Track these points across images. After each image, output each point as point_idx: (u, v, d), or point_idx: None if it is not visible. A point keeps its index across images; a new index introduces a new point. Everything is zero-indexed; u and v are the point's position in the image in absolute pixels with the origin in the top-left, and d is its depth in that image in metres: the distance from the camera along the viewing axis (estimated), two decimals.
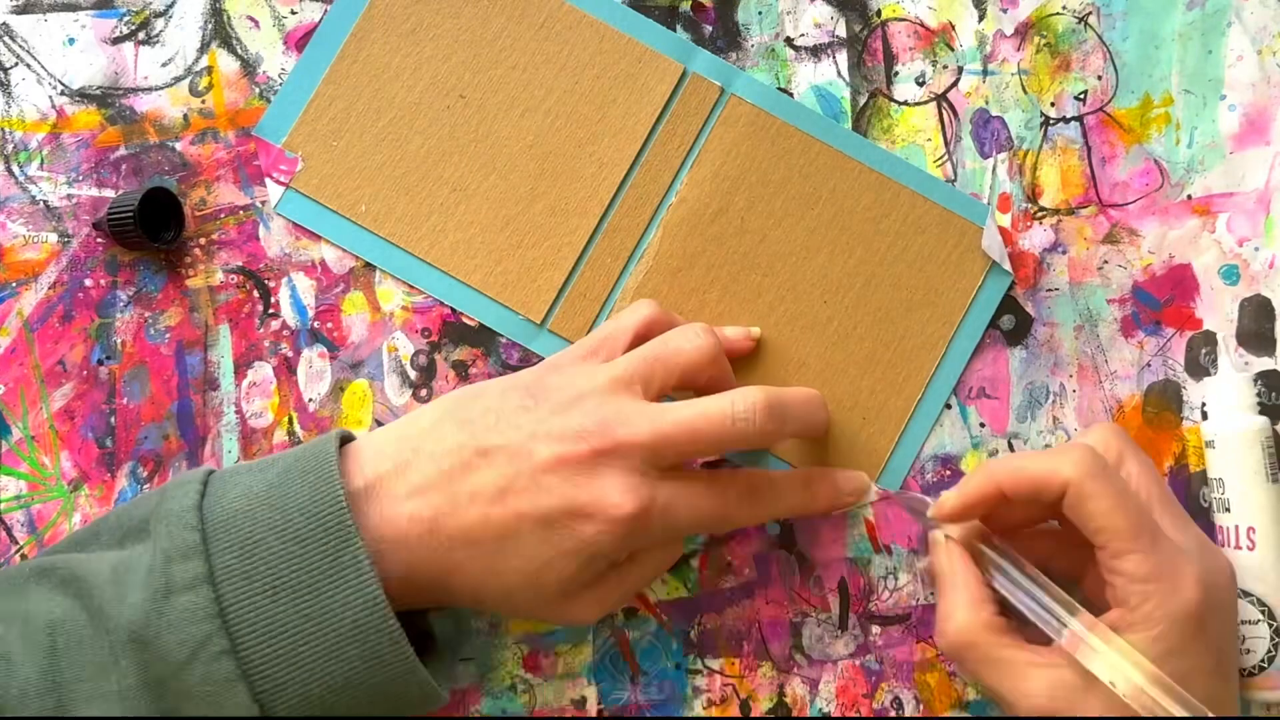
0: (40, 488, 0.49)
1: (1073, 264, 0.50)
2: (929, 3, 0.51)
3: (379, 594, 0.38)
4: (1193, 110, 0.51)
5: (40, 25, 0.50)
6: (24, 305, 0.49)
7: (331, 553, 0.38)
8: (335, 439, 0.42)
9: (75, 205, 0.50)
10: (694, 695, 0.49)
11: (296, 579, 0.38)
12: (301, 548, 0.38)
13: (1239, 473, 0.47)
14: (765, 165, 0.50)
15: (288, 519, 0.39)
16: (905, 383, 0.49)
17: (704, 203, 0.50)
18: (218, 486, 0.40)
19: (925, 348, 0.49)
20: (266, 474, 0.40)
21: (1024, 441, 0.50)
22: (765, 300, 0.50)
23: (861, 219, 0.50)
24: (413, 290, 0.50)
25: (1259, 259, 0.50)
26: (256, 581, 0.38)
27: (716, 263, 0.50)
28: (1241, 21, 0.51)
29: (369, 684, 0.39)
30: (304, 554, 0.38)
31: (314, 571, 0.38)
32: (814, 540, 0.49)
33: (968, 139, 0.51)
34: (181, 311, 0.50)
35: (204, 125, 0.50)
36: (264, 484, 0.40)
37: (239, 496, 0.40)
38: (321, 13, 0.51)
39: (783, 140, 0.50)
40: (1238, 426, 0.47)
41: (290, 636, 0.38)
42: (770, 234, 0.50)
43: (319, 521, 0.39)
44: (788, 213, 0.50)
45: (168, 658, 0.37)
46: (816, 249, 0.50)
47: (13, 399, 0.49)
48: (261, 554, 0.38)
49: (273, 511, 0.39)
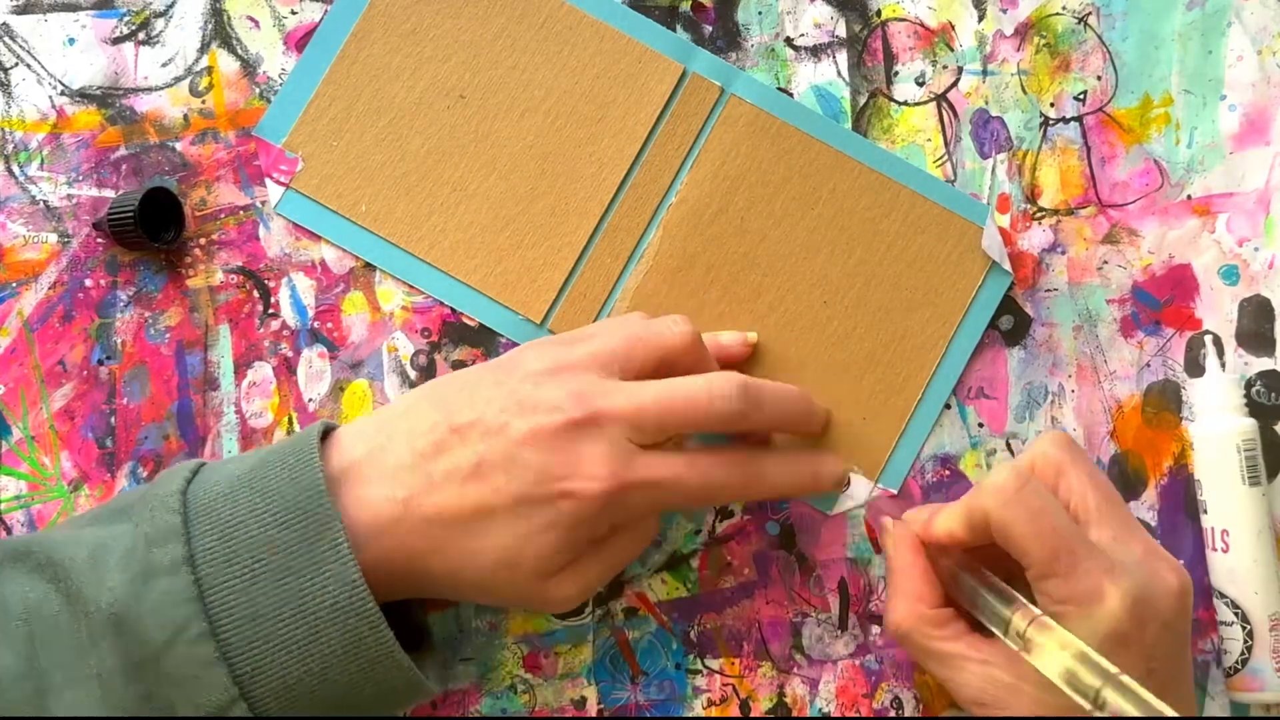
0: (40, 488, 0.49)
1: (1072, 264, 0.50)
2: (929, 3, 0.51)
3: (357, 576, 0.38)
4: (1193, 110, 0.51)
5: (40, 25, 0.50)
6: (24, 305, 0.49)
7: (310, 536, 0.38)
8: (319, 427, 0.42)
9: (75, 205, 0.50)
10: (694, 695, 0.49)
11: (276, 562, 0.38)
12: (280, 531, 0.38)
13: (1215, 475, 0.47)
14: (765, 165, 0.50)
15: (268, 502, 0.39)
16: (906, 382, 0.49)
17: (704, 203, 0.50)
18: (205, 473, 0.41)
19: (925, 347, 0.49)
20: (250, 460, 0.41)
21: (1022, 441, 0.50)
22: (765, 300, 0.50)
23: (861, 219, 0.50)
24: (413, 290, 0.50)
25: (1259, 259, 0.50)
26: (236, 565, 0.38)
27: (716, 263, 0.50)
28: (1241, 21, 0.51)
29: (350, 669, 0.39)
30: (283, 537, 0.38)
31: (293, 554, 0.38)
32: (814, 540, 0.49)
33: (967, 139, 0.51)
34: (181, 311, 0.50)
35: (204, 125, 0.50)
36: (246, 469, 0.40)
37: (221, 480, 0.40)
38: (321, 13, 0.51)
39: (783, 140, 0.50)
40: (1215, 429, 0.47)
41: (270, 620, 0.38)
42: (770, 234, 0.50)
43: (298, 505, 0.39)
44: (787, 213, 0.50)
45: (147, 641, 0.37)
46: (816, 249, 0.50)
47: (13, 399, 0.49)
48: (241, 537, 0.38)
49: (254, 495, 0.39)
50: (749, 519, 0.49)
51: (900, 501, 0.49)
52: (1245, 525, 0.47)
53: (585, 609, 0.49)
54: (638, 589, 0.49)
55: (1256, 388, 0.50)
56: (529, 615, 0.49)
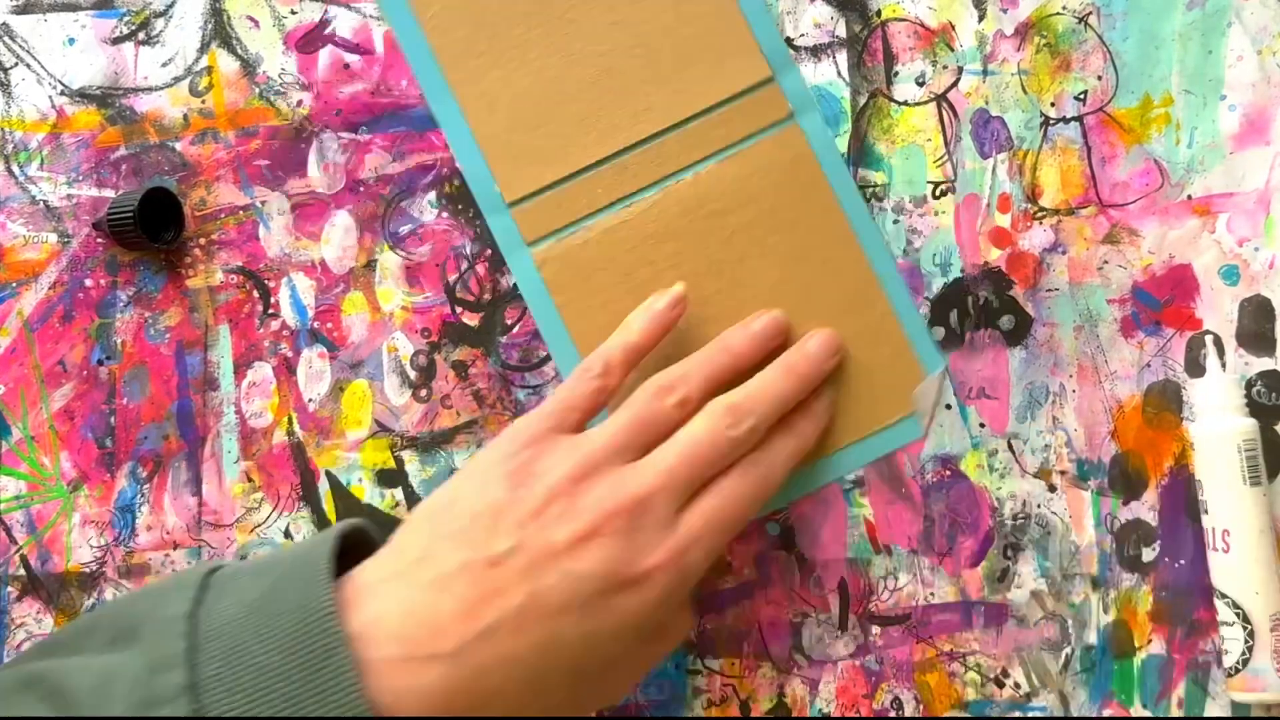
0: (40, 488, 0.49)
1: (1072, 264, 0.50)
2: (929, 3, 0.51)
3: (362, 707, 0.36)
4: (1193, 110, 0.51)
5: (40, 25, 0.50)
6: (24, 305, 0.49)
7: (315, 663, 0.37)
8: (334, 541, 0.40)
9: (75, 205, 0.50)
10: (694, 695, 0.49)
11: (280, 690, 0.36)
12: (284, 658, 0.37)
13: (1216, 475, 0.47)
14: (783, 202, 0.50)
15: (276, 626, 0.37)
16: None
17: (711, 196, 0.50)
18: (215, 592, 0.39)
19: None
20: (263, 580, 0.39)
21: (1023, 442, 0.50)
22: (709, 309, 0.49)
23: (831, 302, 0.50)
24: (412, 290, 0.50)
25: (1259, 259, 0.50)
26: (239, 694, 0.36)
27: (687, 252, 0.50)
28: (1241, 21, 0.51)
29: None
30: (285, 665, 0.37)
31: (293, 682, 0.37)
32: (814, 541, 0.49)
33: (967, 139, 0.51)
34: (181, 311, 0.50)
35: (204, 125, 0.50)
36: (259, 590, 0.38)
37: (233, 604, 0.38)
38: (321, 13, 0.51)
39: (813, 192, 0.50)
40: (1214, 429, 0.47)
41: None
42: (748, 259, 0.50)
43: (304, 629, 0.37)
44: (774, 253, 0.50)
45: None
46: (776, 299, 0.50)
47: (13, 399, 0.49)
48: (246, 663, 0.37)
49: (262, 618, 0.37)
50: None
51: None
52: (1246, 525, 0.47)
53: None
54: None
55: (1257, 388, 0.49)
56: None
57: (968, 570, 0.49)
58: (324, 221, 0.50)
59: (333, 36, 0.51)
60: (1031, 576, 0.49)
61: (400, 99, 0.51)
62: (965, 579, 0.49)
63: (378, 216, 0.50)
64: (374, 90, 0.51)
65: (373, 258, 0.50)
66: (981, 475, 0.50)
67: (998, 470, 0.50)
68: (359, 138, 0.51)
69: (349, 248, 0.50)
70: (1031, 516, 0.50)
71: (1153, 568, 0.49)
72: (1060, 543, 0.49)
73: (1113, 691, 0.49)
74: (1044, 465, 0.50)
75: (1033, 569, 0.49)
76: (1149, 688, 0.49)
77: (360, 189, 0.50)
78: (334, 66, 0.51)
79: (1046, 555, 0.49)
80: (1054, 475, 0.50)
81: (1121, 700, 0.49)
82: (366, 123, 0.51)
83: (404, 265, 0.50)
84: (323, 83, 0.51)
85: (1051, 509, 0.50)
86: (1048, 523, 0.49)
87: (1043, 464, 0.50)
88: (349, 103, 0.51)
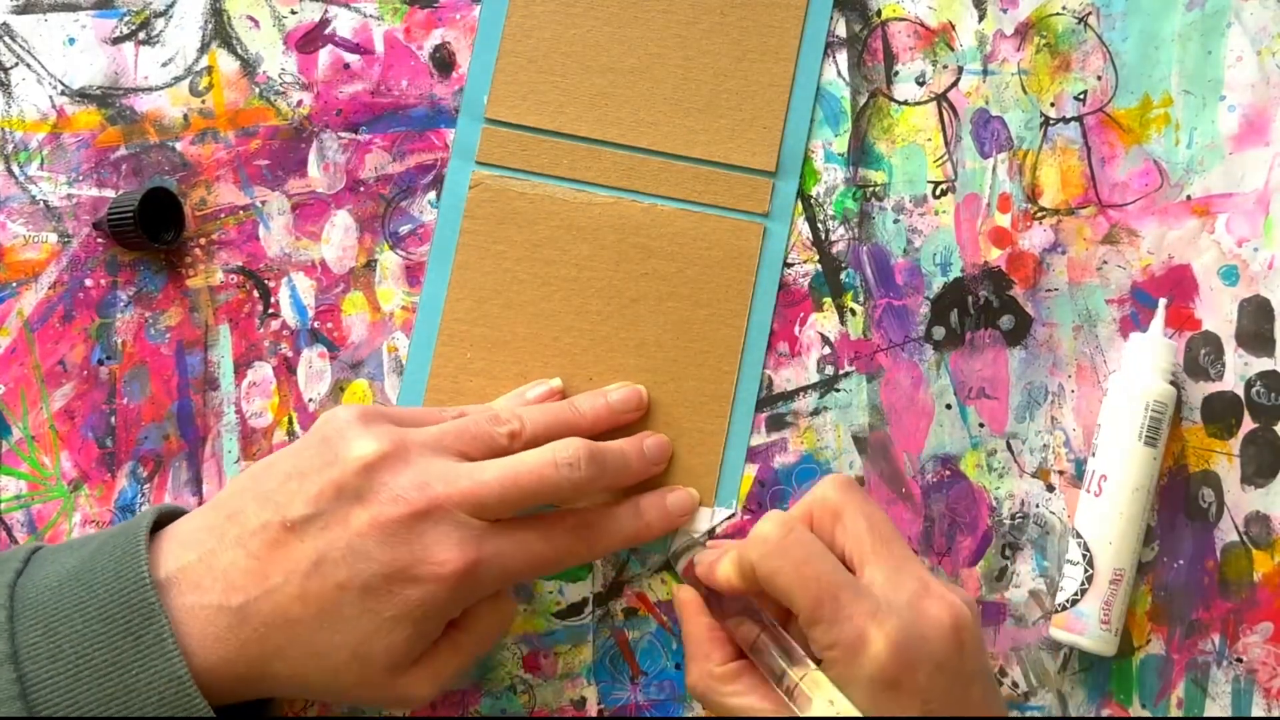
0: (40, 488, 0.49)
1: (1072, 264, 0.50)
2: (929, 3, 0.51)
3: (184, 673, 0.37)
4: (1192, 111, 0.51)
5: (40, 25, 0.50)
6: (24, 305, 0.49)
7: (135, 631, 0.37)
8: (151, 515, 0.41)
9: (75, 205, 0.50)
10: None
11: (100, 658, 0.37)
12: (105, 626, 0.37)
13: (1116, 423, 0.48)
14: (707, 280, 0.50)
15: (94, 596, 0.38)
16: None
17: (652, 231, 0.50)
18: (36, 564, 0.39)
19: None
20: (80, 551, 0.39)
21: (1022, 441, 0.50)
22: (582, 324, 0.50)
23: (683, 391, 0.50)
24: (413, 290, 0.50)
25: (1258, 259, 0.50)
26: (60, 661, 0.37)
27: (598, 264, 0.50)
28: (1241, 22, 0.51)
29: None
30: (108, 633, 0.37)
31: (117, 650, 0.37)
32: None
33: (968, 139, 0.51)
34: (181, 311, 0.50)
35: (204, 125, 0.50)
36: (76, 561, 0.39)
37: (51, 574, 0.39)
38: (321, 13, 0.51)
39: (736, 291, 0.50)
40: (1132, 382, 0.48)
41: (94, 717, 0.37)
42: (642, 304, 0.50)
43: (123, 599, 0.38)
44: (666, 315, 0.50)
45: None
46: (641, 353, 0.50)
47: (13, 399, 0.49)
48: (66, 632, 0.37)
49: (80, 589, 0.38)
50: (748, 519, 0.49)
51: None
52: (1125, 478, 0.47)
53: (585, 609, 0.49)
54: (638, 589, 0.49)
55: (1256, 388, 0.50)
56: (529, 615, 0.49)
57: (966, 569, 0.49)
58: (324, 221, 0.50)
59: (333, 36, 0.51)
60: (1030, 576, 0.49)
61: (400, 99, 0.51)
62: (964, 578, 0.49)
63: (378, 216, 0.50)
64: (374, 90, 0.51)
65: (373, 258, 0.50)
66: (980, 475, 0.50)
67: (996, 470, 0.50)
68: (359, 138, 0.51)
69: (349, 248, 0.50)
70: (1030, 516, 0.50)
71: (1151, 567, 0.49)
72: (1058, 542, 0.49)
73: (1111, 691, 0.49)
74: (1042, 465, 0.50)
75: (1031, 568, 0.49)
76: (1148, 687, 0.49)
77: (360, 189, 0.51)
78: (334, 66, 0.51)
79: (1045, 555, 0.49)
80: (1052, 475, 0.50)
81: (1120, 700, 0.49)
82: (366, 123, 0.51)
83: (404, 265, 0.50)
84: (323, 83, 0.51)
85: (1050, 509, 0.50)
86: (1046, 522, 0.50)
87: (1041, 464, 0.50)
88: (349, 103, 0.51)
